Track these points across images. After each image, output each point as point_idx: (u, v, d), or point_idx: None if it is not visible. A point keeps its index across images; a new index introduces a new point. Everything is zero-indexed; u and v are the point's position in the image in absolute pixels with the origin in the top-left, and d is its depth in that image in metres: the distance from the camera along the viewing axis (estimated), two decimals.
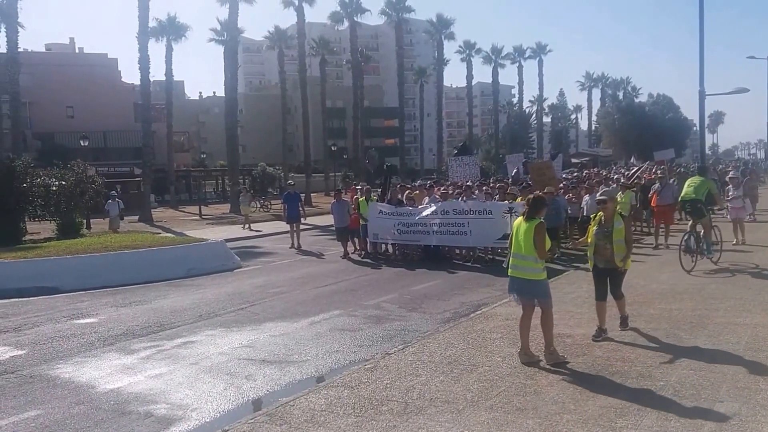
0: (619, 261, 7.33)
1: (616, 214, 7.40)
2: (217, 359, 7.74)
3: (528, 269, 6.68)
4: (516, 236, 6.81)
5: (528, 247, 6.62)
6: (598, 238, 7.42)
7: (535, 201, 6.84)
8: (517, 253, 6.77)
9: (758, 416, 4.97)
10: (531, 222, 6.67)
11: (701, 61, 21.07)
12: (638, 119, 70.30)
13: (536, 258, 6.60)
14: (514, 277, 6.84)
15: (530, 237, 6.59)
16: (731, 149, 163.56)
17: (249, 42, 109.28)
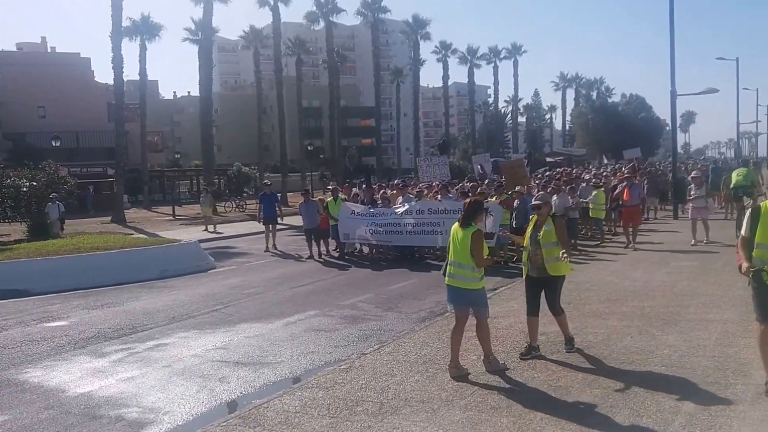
0: (550, 267, 6.76)
1: (548, 218, 6.91)
2: (190, 361, 7.64)
3: (465, 278, 6.38)
4: (453, 243, 6.50)
5: (465, 255, 6.33)
6: (531, 243, 6.94)
7: (472, 206, 6.53)
8: (454, 261, 6.45)
9: (727, 411, 5.04)
10: (468, 230, 6.36)
11: (672, 62, 21.48)
12: (611, 119, 71.29)
13: (473, 266, 6.32)
14: (450, 286, 6.52)
15: (467, 245, 6.29)
16: (702, 148, 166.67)
17: (224, 41, 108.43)
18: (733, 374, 5.85)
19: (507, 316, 8.75)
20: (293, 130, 60.26)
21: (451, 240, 6.58)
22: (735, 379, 5.71)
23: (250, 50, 53.84)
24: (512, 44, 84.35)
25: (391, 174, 57.79)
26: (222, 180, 51.27)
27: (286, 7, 48.66)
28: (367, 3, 62.07)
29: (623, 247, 14.74)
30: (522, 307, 9.17)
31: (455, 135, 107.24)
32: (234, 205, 38.50)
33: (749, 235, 5.28)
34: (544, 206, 7.04)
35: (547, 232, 6.79)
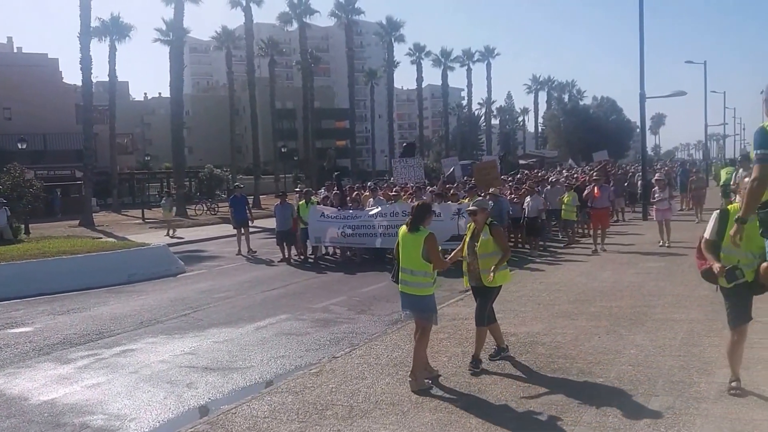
0: (485, 277, 6.47)
1: (485, 226, 6.57)
2: (157, 367, 7.52)
3: (417, 284, 6.16)
4: (403, 249, 6.24)
5: (416, 261, 6.09)
6: (468, 252, 6.63)
7: (420, 209, 6.24)
8: (405, 268, 6.20)
9: (691, 409, 5.12)
10: (418, 234, 6.10)
11: (641, 65, 21.85)
12: (583, 121, 72.37)
13: (425, 272, 6.11)
14: (406, 294, 6.28)
15: (418, 250, 6.05)
16: (672, 150, 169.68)
17: (196, 42, 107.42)
18: (698, 373, 5.95)
19: None
20: (266, 132, 59.93)
21: (400, 246, 6.29)
22: (699, 378, 5.81)
23: (223, 51, 53.51)
24: (485, 47, 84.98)
25: (366, 176, 57.76)
26: (193, 182, 50.70)
27: (259, 8, 48.46)
28: (341, 4, 62.03)
29: (591, 252, 14.60)
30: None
31: (429, 137, 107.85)
32: (205, 207, 38.13)
33: (715, 239, 5.28)
34: (480, 213, 6.66)
35: (485, 241, 6.49)
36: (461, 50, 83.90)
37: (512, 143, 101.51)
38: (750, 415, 4.86)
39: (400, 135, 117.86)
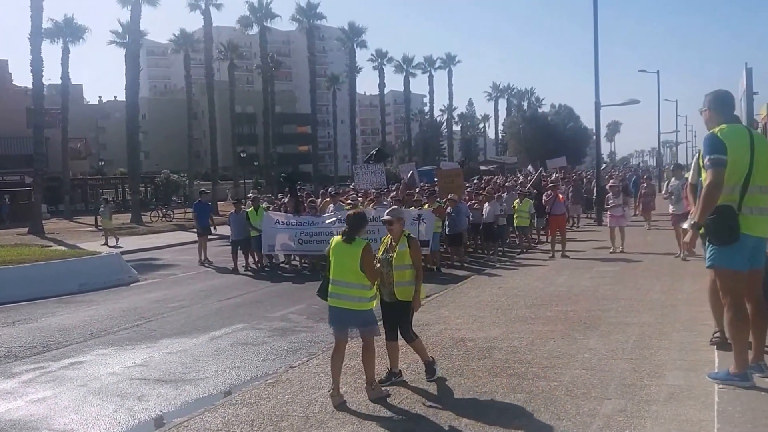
0: (399, 292, 6.17)
1: (402, 237, 6.28)
2: (107, 380, 7.29)
3: (353, 298, 5.86)
4: (336, 261, 5.93)
5: (352, 272, 5.81)
6: (382, 265, 6.21)
7: (356, 219, 5.99)
8: (339, 281, 5.89)
9: (642, 412, 5.20)
10: (355, 245, 5.84)
11: (596, 74, 22.36)
12: (541, 128, 73.69)
13: (363, 285, 5.84)
14: (336, 308, 5.96)
15: (355, 262, 5.78)
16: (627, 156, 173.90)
17: (154, 45, 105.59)
18: (648, 376, 6.04)
19: (437, 323, 8.79)
20: (225, 137, 59.23)
21: (333, 257, 5.96)
22: (650, 381, 5.90)
23: (181, 54, 52.68)
24: (446, 54, 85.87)
25: (328, 181, 57.59)
26: (149, 188, 49.69)
27: (219, 11, 48.13)
28: (302, 9, 61.86)
29: (548, 257, 14.73)
30: (453, 313, 9.34)
31: (392, 142, 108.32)
32: (161, 214, 37.39)
33: (697, 181, 5.31)
34: (395, 223, 6.32)
35: (401, 253, 6.17)
36: (423, 57, 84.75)
37: (473, 149, 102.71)
38: (697, 416, 4.95)
39: (363, 140, 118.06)
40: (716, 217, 4.84)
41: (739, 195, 4.83)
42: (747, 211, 4.84)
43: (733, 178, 4.84)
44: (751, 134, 4.93)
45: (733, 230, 4.80)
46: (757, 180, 4.85)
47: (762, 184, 4.88)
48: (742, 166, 4.82)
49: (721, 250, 4.92)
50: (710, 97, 5.20)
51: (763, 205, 4.90)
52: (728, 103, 5.14)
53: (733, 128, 4.95)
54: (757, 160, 4.84)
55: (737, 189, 4.84)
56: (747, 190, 4.83)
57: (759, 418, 4.33)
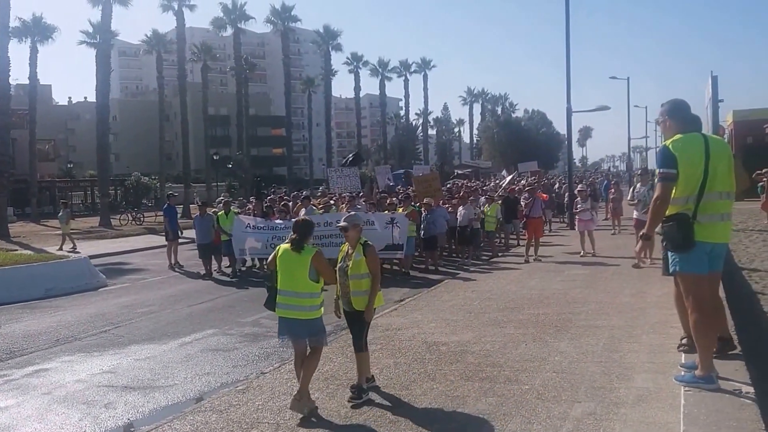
0: (356, 301, 6.03)
1: (358, 245, 6.09)
2: (73, 387, 7.15)
3: (304, 308, 5.76)
4: (285, 270, 5.77)
5: (302, 282, 5.70)
6: (339, 274, 6.09)
7: (303, 227, 5.84)
8: (288, 291, 5.76)
9: (611, 414, 5.23)
10: (305, 253, 5.71)
11: (568, 80, 22.59)
12: (515, 133, 74.27)
13: (312, 293, 5.74)
14: (287, 319, 5.83)
15: (305, 271, 5.67)
16: (599, 161, 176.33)
17: (125, 45, 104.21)
18: (618, 378, 6.09)
19: (410, 328, 8.78)
20: (198, 139, 58.66)
21: (280, 267, 5.81)
22: (619, 384, 5.94)
23: (153, 55, 52.02)
24: (422, 59, 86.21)
25: (303, 184, 57.35)
26: (119, 191, 48.92)
27: (192, 12, 47.73)
28: (277, 11, 61.58)
29: (523, 262, 14.76)
30: (426, 317, 9.33)
31: (368, 146, 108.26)
32: (131, 217, 36.84)
33: None
34: (351, 229, 6.13)
35: (357, 262, 5.99)
36: (398, 61, 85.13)
37: (449, 153, 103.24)
38: (664, 418, 5.00)
39: (339, 144, 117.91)
40: (672, 225, 4.99)
41: (694, 204, 4.93)
42: (703, 219, 4.96)
43: (688, 188, 4.97)
44: (707, 142, 5.01)
45: (688, 238, 4.93)
46: (716, 186, 4.96)
47: (721, 190, 4.99)
48: (695, 177, 4.93)
49: (680, 256, 5.04)
50: (666, 107, 5.31)
51: (723, 211, 5.02)
52: (684, 112, 5.24)
53: (686, 138, 5.05)
54: (713, 166, 4.94)
55: (692, 199, 4.95)
56: (703, 199, 4.93)
57: (723, 420, 4.41)
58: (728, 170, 5.03)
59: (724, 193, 5.02)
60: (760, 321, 8.24)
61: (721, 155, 5.03)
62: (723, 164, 5.01)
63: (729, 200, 5.07)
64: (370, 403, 5.90)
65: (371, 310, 6.07)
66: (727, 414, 4.49)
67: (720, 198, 4.99)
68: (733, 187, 5.08)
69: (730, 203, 5.09)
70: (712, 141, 5.08)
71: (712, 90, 25.01)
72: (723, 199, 5.02)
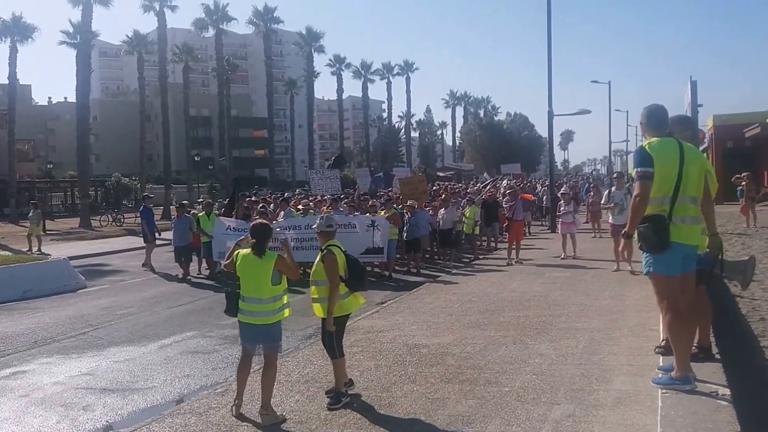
0: (316, 308, 5.99)
1: (320, 251, 6.06)
2: (51, 390, 7.07)
3: (267, 312, 5.73)
4: (248, 276, 5.73)
5: (265, 287, 5.67)
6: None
7: (261, 230, 5.79)
8: (252, 297, 5.71)
9: (589, 416, 5.29)
10: (267, 258, 5.68)
11: (549, 84, 22.79)
12: (497, 136, 74.73)
13: (274, 297, 5.73)
14: (249, 324, 5.79)
15: (267, 276, 5.65)
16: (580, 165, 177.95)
17: (106, 46, 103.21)
18: (597, 381, 6.15)
19: (391, 330, 8.79)
20: (179, 140, 58.15)
21: (242, 273, 5.75)
22: (598, 386, 6.00)
23: (134, 56, 51.57)
24: (405, 61, 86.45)
25: (285, 186, 57.13)
26: (99, 192, 48.38)
27: (173, 13, 47.45)
28: (259, 12, 61.39)
29: (505, 264, 14.75)
30: (407, 319, 9.35)
31: (350, 148, 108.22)
32: (111, 218, 36.45)
33: None
34: (319, 235, 6.15)
35: (317, 267, 5.93)
36: (381, 63, 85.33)
37: (431, 156, 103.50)
38: (642, 420, 5.06)
39: (321, 145, 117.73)
40: (648, 226, 5.07)
41: (669, 205, 5.04)
42: (678, 221, 5.05)
43: (663, 189, 5.06)
44: (681, 147, 5.11)
45: (663, 239, 5.01)
46: (687, 190, 5.07)
47: (692, 195, 5.11)
48: (670, 178, 5.03)
49: (654, 257, 5.12)
50: (644, 112, 5.42)
51: (693, 215, 5.13)
52: (660, 118, 5.36)
53: (662, 141, 5.17)
54: (686, 171, 5.05)
55: (667, 200, 5.05)
56: (677, 201, 5.04)
57: (699, 422, 4.46)
58: (699, 177, 5.15)
59: (693, 198, 5.14)
60: (737, 324, 8.37)
61: (694, 161, 5.15)
62: (695, 170, 5.13)
63: (698, 205, 5.20)
64: (349, 406, 5.90)
65: (330, 319, 5.89)
66: (704, 416, 4.55)
67: (691, 202, 5.12)
68: (701, 194, 5.19)
69: (698, 208, 5.21)
70: (686, 147, 5.19)
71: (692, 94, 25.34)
72: (694, 203, 5.15)
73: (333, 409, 5.81)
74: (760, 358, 6.88)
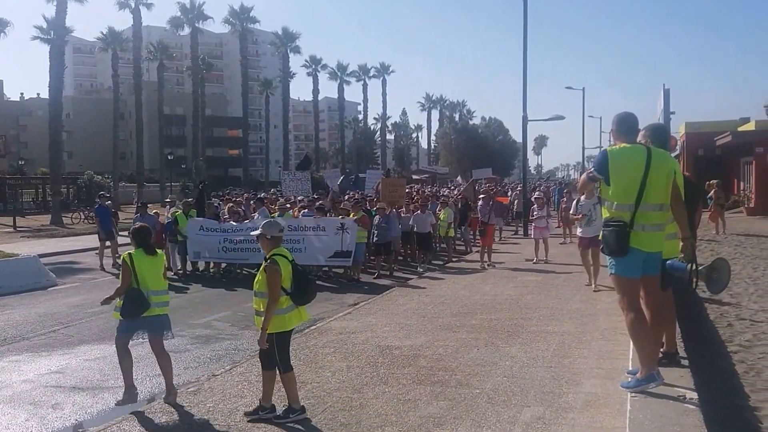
0: (257, 321, 5.60)
1: (264, 260, 5.69)
2: (20, 388, 6.97)
3: (167, 303, 6.49)
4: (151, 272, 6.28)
5: (162, 281, 6.41)
6: None
7: (144, 233, 6.42)
8: (161, 290, 6.37)
9: (559, 419, 5.37)
10: (159, 256, 6.45)
11: (524, 89, 23.06)
12: (472, 140, 75.18)
13: (166, 290, 6.49)
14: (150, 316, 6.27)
15: (160, 271, 6.42)
16: (553, 170, 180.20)
17: (81, 42, 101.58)
18: (567, 383, 6.24)
19: (364, 331, 8.81)
20: (153, 138, 57.54)
21: (145, 271, 6.22)
22: (568, 389, 6.09)
23: (108, 53, 50.93)
24: (381, 63, 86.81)
25: (259, 186, 56.79)
26: (71, 189, 47.57)
27: (149, 10, 46.97)
28: (236, 12, 61.04)
29: (480, 268, 14.84)
30: (380, 321, 9.39)
31: (326, 149, 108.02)
32: (83, 216, 35.84)
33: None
34: (265, 242, 5.76)
35: (259, 278, 5.61)
36: (357, 65, 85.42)
37: (406, 158, 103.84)
38: (611, 423, 5.14)
39: (297, 146, 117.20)
40: (610, 230, 5.20)
41: (631, 213, 5.15)
42: (638, 228, 5.16)
43: (625, 197, 5.17)
44: (649, 155, 5.17)
45: (622, 245, 5.15)
46: (650, 198, 5.15)
47: (655, 202, 5.19)
48: (632, 186, 5.14)
49: (616, 259, 5.27)
50: (615, 119, 5.55)
51: (657, 222, 5.24)
52: (630, 125, 5.48)
53: (627, 149, 5.28)
54: (650, 179, 5.13)
55: (629, 207, 5.16)
56: (638, 209, 5.14)
57: (667, 425, 4.58)
58: (666, 183, 5.20)
59: (657, 205, 5.22)
60: (705, 328, 8.58)
61: (660, 168, 5.19)
62: (661, 177, 5.19)
63: (663, 212, 5.25)
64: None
65: (264, 335, 5.44)
66: (672, 419, 4.66)
67: (653, 209, 5.19)
68: (668, 200, 5.24)
69: (664, 215, 5.27)
70: (654, 154, 5.21)
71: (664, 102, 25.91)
72: (657, 211, 5.22)
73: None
74: (727, 362, 7.07)
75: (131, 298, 6.14)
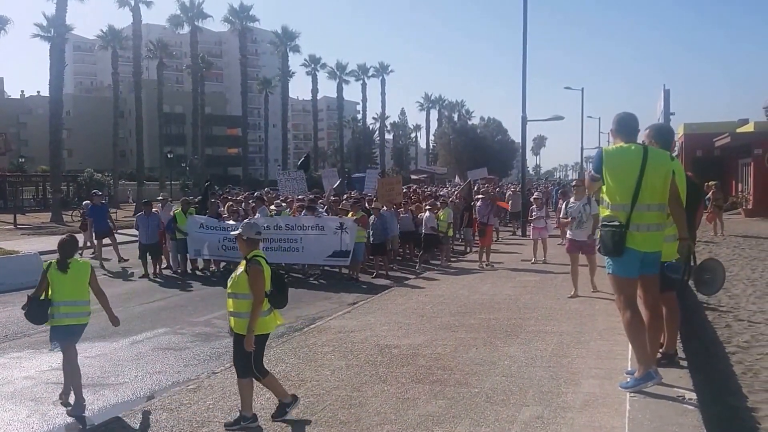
0: (235, 323, 5.45)
1: (244, 260, 5.54)
2: (21, 384, 7.02)
3: (85, 313, 6.49)
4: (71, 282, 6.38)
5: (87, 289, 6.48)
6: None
7: (72, 244, 6.59)
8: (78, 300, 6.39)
9: (558, 419, 5.39)
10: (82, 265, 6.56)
11: (524, 90, 23.03)
12: (471, 140, 75.05)
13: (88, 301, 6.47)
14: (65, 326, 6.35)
15: (86, 280, 6.46)
16: (552, 170, 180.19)
17: (81, 40, 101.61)
18: (565, 383, 6.27)
19: (363, 330, 8.84)
20: (153, 136, 57.51)
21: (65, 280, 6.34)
22: (566, 388, 6.12)
23: (108, 51, 50.91)
24: (380, 63, 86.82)
25: (258, 185, 56.79)
26: (71, 187, 47.58)
27: (149, 9, 46.83)
28: (235, 10, 61.05)
29: (478, 268, 14.83)
30: (379, 320, 9.41)
31: (324, 148, 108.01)
32: (80, 214, 35.84)
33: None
34: (238, 239, 5.68)
35: (237, 278, 5.45)
36: (356, 65, 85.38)
37: (405, 158, 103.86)
38: (610, 423, 5.17)
39: (295, 145, 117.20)
40: (606, 231, 5.23)
41: (626, 213, 5.18)
42: (633, 229, 5.19)
43: (621, 197, 5.20)
44: (645, 155, 5.18)
45: (618, 246, 5.18)
46: (645, 198, 5.17)
47: (650, 203, 5.20)
48: (627, 186, 5.16)
49: (614, 260, 5.31)
50: (615, 119, 5.58)
51: (654, 222, 5.25)
52: (629, 125, 5.51)
53: (622, 148, 5.32)
54: (646, 179, 5.14)
55: (625, 207, 5.19)
56: (634, 209, 5.16)
57: (666, 425, 4.60)
58: (663, 184, 5.21)
59: (654, 205, 5.22)
60: (703, 330, 8.61)
61: (658, 167, 5.19)
62: (658, 178, 5.20)
63: (659, 212, 5.26)
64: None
65: (250, 339, 5.31)
66: (670, 419, 4.68)
67: (648, 210, 5.19)
68: (665, 200, 5.25)
69: (661, 215, 5.27)
70: (651, 154, 5.22)
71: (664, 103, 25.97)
72: (652, 211, 5.21)
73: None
74: (726, 363, 7.10)
75: (33, 305, 6.32)
